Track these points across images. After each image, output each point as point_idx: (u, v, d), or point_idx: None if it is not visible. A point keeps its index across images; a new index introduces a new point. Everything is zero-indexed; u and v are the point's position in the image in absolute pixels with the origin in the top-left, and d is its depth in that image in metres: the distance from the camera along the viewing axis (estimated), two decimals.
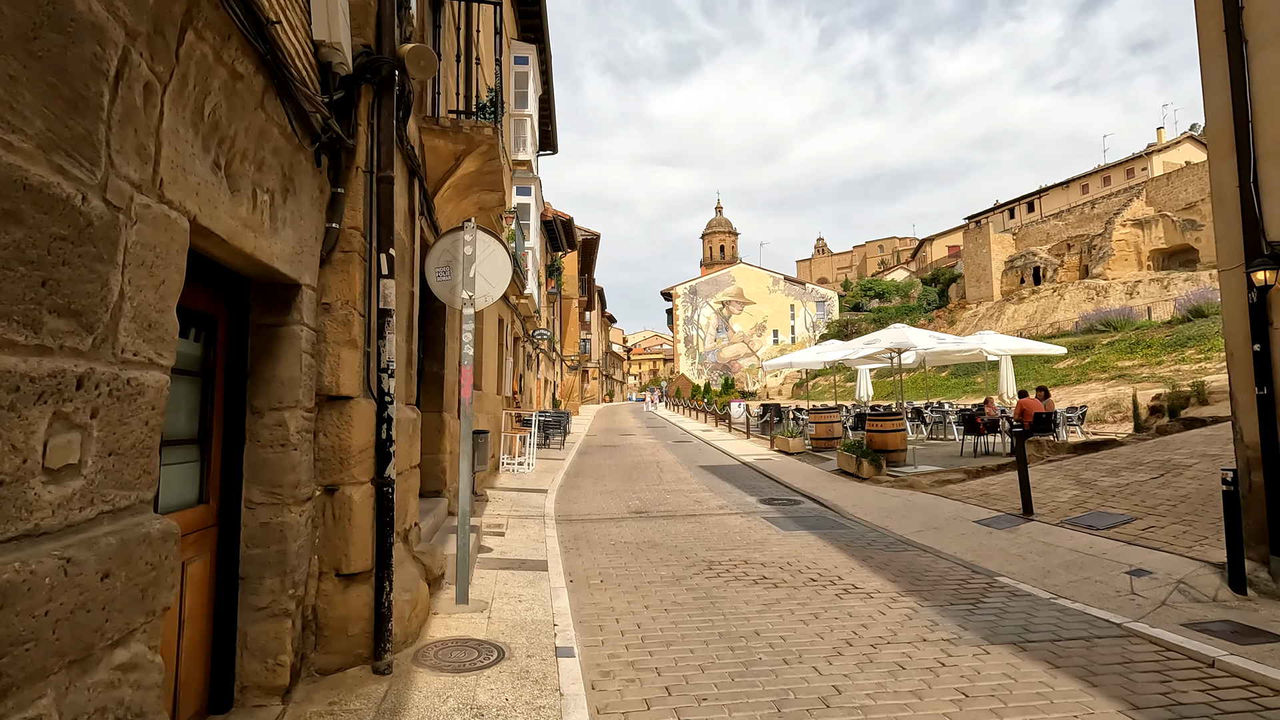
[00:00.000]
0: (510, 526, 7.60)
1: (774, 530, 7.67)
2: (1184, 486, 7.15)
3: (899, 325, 15.16)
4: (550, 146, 24.96)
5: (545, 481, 11.46)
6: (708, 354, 68.26)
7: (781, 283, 70.32)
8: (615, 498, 10.11)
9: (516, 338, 16.65)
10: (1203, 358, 24.89)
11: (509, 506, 8.87)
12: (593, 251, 40.41)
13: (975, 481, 9.37)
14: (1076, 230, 52.08)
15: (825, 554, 6.55)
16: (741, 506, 9.26)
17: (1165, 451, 8.72)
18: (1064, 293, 46.14)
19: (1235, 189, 5.23)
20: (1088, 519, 6.82)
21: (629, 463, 14.69)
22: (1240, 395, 5.25)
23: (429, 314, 7.00)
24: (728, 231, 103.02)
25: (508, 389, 14.50)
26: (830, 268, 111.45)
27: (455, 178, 5.84)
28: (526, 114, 15.74)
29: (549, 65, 19.43)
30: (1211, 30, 5.46)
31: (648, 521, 8.28)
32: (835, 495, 9.72)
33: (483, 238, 4.85)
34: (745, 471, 12.94)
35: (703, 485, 11.27)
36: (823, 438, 14.72)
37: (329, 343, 3.39)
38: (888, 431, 11.60)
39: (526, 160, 15.76)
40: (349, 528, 3.36)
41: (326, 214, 3.43)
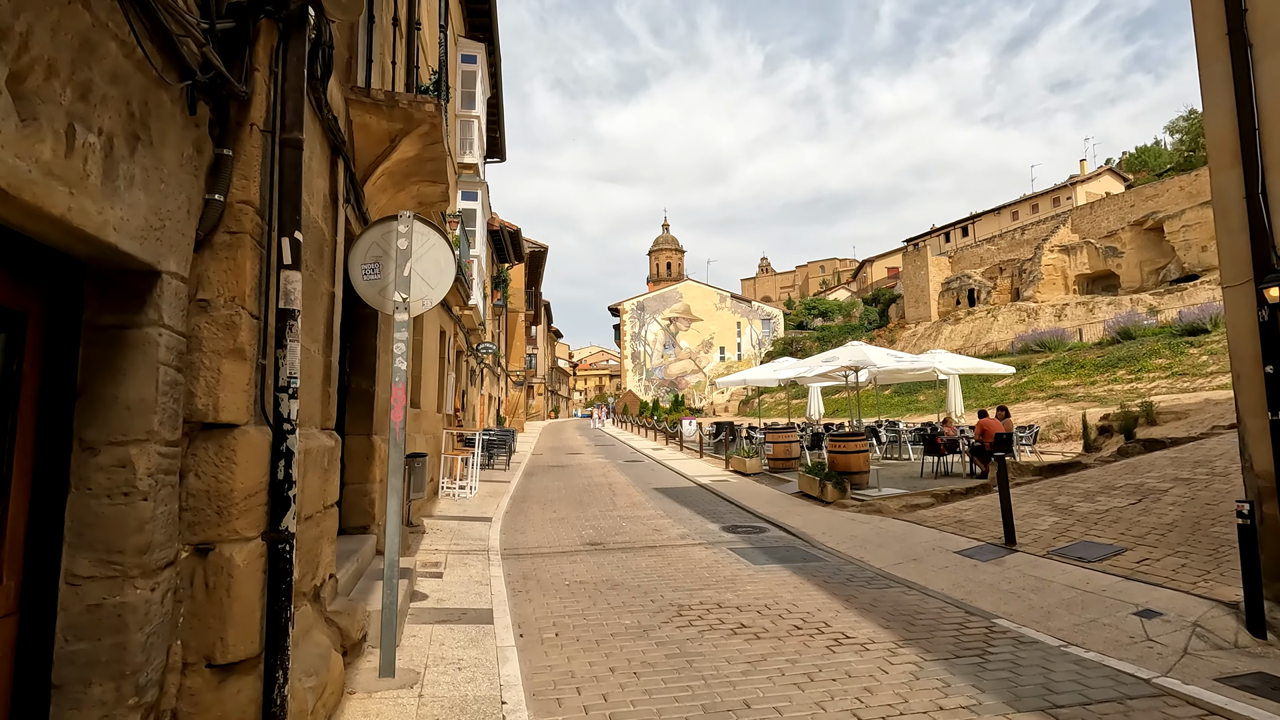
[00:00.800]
0: (450, 565, 6.69)
1: (744, 564, 7.01)
2: (1166, 514, 6.85)
3: (856, 343, 14.94)
4: (498, 154, 24.11)
5: (489, 508, 10.52)
6: (655, 370, 67.87)
7: (728, 300, 70.76)
8: (567, 526, 9.28)
9: (460, 351, 15.64)
10: (1134, 378, 25.82)
11: (449, 539, 7.94)
12: (540, 264, 39.47)
13: (946, 507, 8.96)
14: (1008, 255, 54.15)
15: (804, 593, 5.91)
16: (705, 536, 8.58)
17: (1135, 475, 8.50)
18: (997, 314, 47.72)
19: (1240, 200, 4.92)
20: (1075, 550, 6.42)
21: (579, 485, 13.85)
22: (1249, 420, 4.90)
23: (358, 322, 6.10)
24: (674, 249, 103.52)
25: (449, 406, 13.50)
26: (774, 286, 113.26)
27: (390, 163, 5.01)
28: (474, 115, 14.91)
29: (498, 68, 18.66)
30: (1211, 33, 5.19)
31: (605, 555, 7.49)
32: (802, 522, 9.15)
33: (421, 230, 4.05)
34: (703, 495, 12.29)
35: (660, 511, 10.55)
36: (780, 458, 14.24)
37: (205, 352, 2.54)
38: (851, 452, 11.16)
39: (473, 164, 14.90)
40: (227, 601, 2.50)
41: (207, 182, 2.59)
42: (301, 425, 3.45)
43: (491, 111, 20.53)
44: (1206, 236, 39.80)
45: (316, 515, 3.61)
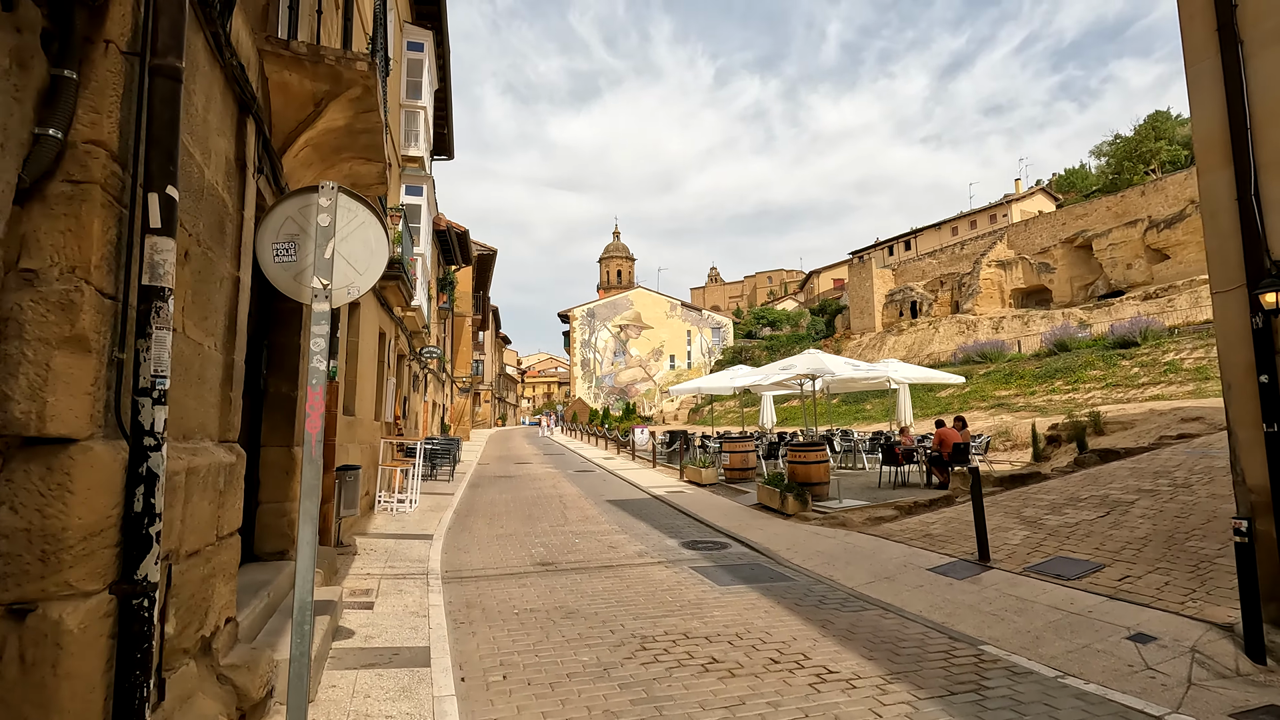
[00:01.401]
0: (383, 592, 5.95)
1: (708, 586, 6.50)
2: (1138, 527, 6.68)
3: (814, 350, 14.70)
4: (446, 151, 23.23)
5: (430, 524, 9.74)
6: (605, 378, 67.26)
7: (679, 308, 70.82)
8: (515, 544, 8.60)
9: (402, 355, 14.73)
10: (1071, 389, 26.62)
11: (383, 561, 7.17)
12: (489, 268, 38.42)
13: (912, 519, 8.68)
14: (948, 268, 55.84)
15: (777, 619, 5.44)
16: (664, 553, 8.04)
17: (1097, 486, 8.40)
18: (939, 326, 49.02)
19: (1231, 202, 4.72)
20: (1053, 566, 6.16)
21: (528, 497, 13.14)
22: (1241, 432, 4.69)
23: (281, 317, 5.36)
24: (625, 257, 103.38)
25: (389, 414, 12.61)
26: (723, 296, 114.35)
27: (315, 133, 4.33)
28: (420, 105, 14.11)
29: (447, 60, 17.88)
30: (1199, 31, 5.00)
31: (557, 577, 6.86)
32: (764, 536, 8.73)
33: (347, 204, 3.41)
34: (658, 507, 11.77)
35: (615, 525, 9.96)
36: (737, 468, 13.86)
37: (29, 341, 1.87)
38: (811, 463, 10.84)
39: (419, 157, 14.10)
40: (53, 682, 1.82)
41: (38, 112, 1.92)
42: (190, 437, 2.77)
43: (439, 106, 19.69)
44: (1131, 255, 41.84)
45: (206, 549, 2.92)
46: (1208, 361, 23.43)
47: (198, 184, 2.87)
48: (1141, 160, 51.28)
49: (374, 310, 10.58)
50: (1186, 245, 38.82)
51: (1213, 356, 23.54)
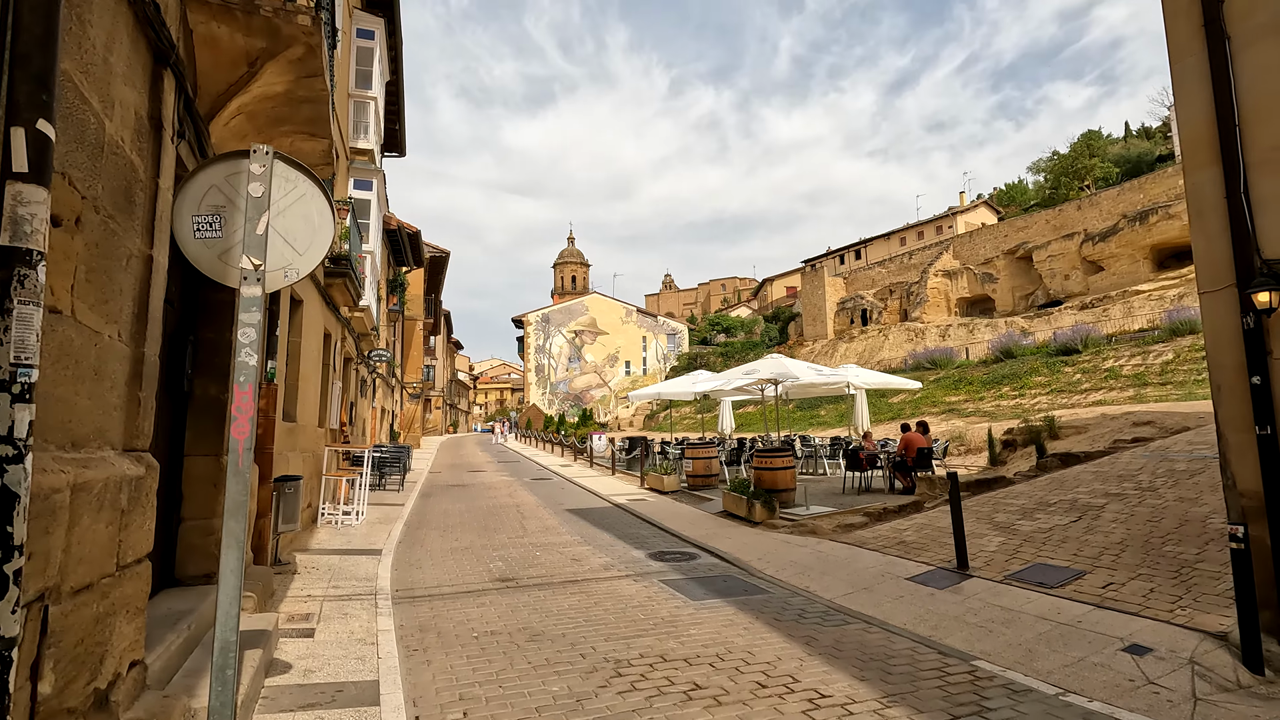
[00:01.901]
0: (326, 617, 5.38)
1: (681, 600, 6.12)
2: (1112, 532, 6.61)
3: (776, 355, 14.55)
4: (397, 148, 22.44)
5: (379, 537, 9.10)
6: (559, 384, 66.48)
7: (634, 314, 70.64)
8: (472, 558, 8.06)
9: (349, 359, 13.96)
10: (1018, 394, 27.34)
11: (326, 581, 6.56)
12: (441, 270, 37.38)
13: (883, 526, 8.50)
14: (897, 278, 57.20)
15: (758, 636, 5.10)
16: (630, 565, 7.64)
17: (1064, 490, 8.38)
18: (888, 333, 50.07)
19: (1220, 201, 4.63)
20: (1033, 574, 6.00)
21: (484, 507, 12.54)
22: (1231, 435, 4.57)
23: (210, 309, 4.77)
24: (580, 262, 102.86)
25: (335, 420, 11.87)
26: (677, 303, 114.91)
27: (250, 97, 3.81)
28: (370, 96, 13.43)
29: (399, 51, 17.19)
30: (1183, 28, 4.92)
31: (519, 594, 6.38)
32: (733, 546, 8.41)
33: (285, 172, 2.93)
34: (621, 516, 11.35)
35: (576, 536, 9.51)
36: (700, 475, 13.56)
37: None
38: (778, 469, 10.60)
39: (368, 150, 13.41)
40: None
41: None
42: (82, 445, 2.25)
43: (391, 100, 18.95)
44: (1069, 266, 43.53)
45: (102, 583, 2.40)
46: (1144, 368, 24.38)
47: (96, 137, 2.36)
48: (1077, 176, 53.55)
49: (318, 309, 9.89)
50: (1119, 258, 40.63)
51: (1150, 363, 24.53)
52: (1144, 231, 39.08)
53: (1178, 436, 10.26)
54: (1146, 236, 39.06)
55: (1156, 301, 35.40)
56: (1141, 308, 35.82)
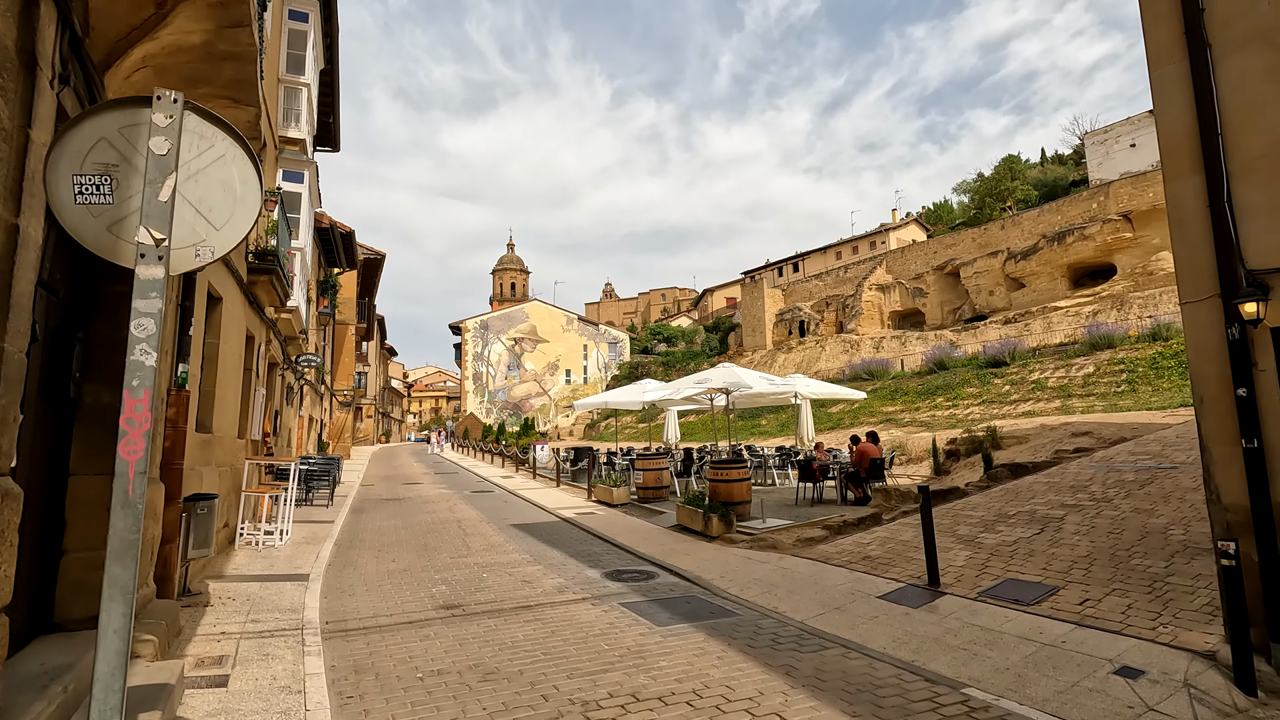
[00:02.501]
0: (243, 659, 4.67)
1: (646, 627, 5.68)
2: (1077, 544, 6.57)
3: (728, 365, 14.34)
4: (331, 142, 21.30)
5: (306, 559, 8.27)
6: (498, 392, 65.03)
7: (575, 322, 69.95)
8: (411, 581, 7.38)
9: (274, 363, 12.92)
10: (951, 405, 28.18)
11: (244, 614, 5.79)
12: (376, 273, 35.85)
13: (845, 540, 8.29)
14: (833, 290, 58.69)
15: (734, 667, 4.71)
16: (586, 586, 7.13)
17: (1020, 501, 8.39)
18: (825, 344, 51.19)
19: (1202, 209, 4.57)
20: (1006, 590, 5.85)
21: (422, 523, 11.75)
22: (1215, 448, 4.49)
23: (104, 302, 4.06)
24: (519, 269, 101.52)
25: (257, 430, 10.88)
26: (617, 312, 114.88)
27: (158, 47, 3.18)
28: (303, 82, 12.54)
29: (335, 39, 16.26)
30: (1163, 35, 4.88)
31: (467, 624, 5.79)
32: (692, 563, 8.03)
33: (199, 126, 2.36)
34: (570, 531, 10.81)
35: (525, 554, 8.92)
36: (651, 487, 13.15)
37: None
38: (733, 481, 10.31)
39: (300, 139, 12.50)
40: None
41: None
42: None
43: (325, 92, 17.93)
44: (993, 283, 45.58)
45: None
46: (1068, 380, 25.52)
47: None
48: (999, 198, 56.28)
49: (240, 308, 9.00)
50: (1039, 275, 42.82)
51: (1073, 375, 25.69)
52: (1061, 251, 41.31)
53: (1119, 447, 10.53)
54: (1064, 256, 41.31)
55: (1074, 317, 37.30)
56: (1060, 323, 37.66)
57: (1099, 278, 41.34)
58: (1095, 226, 39.83)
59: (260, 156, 9.13)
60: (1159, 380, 22.36)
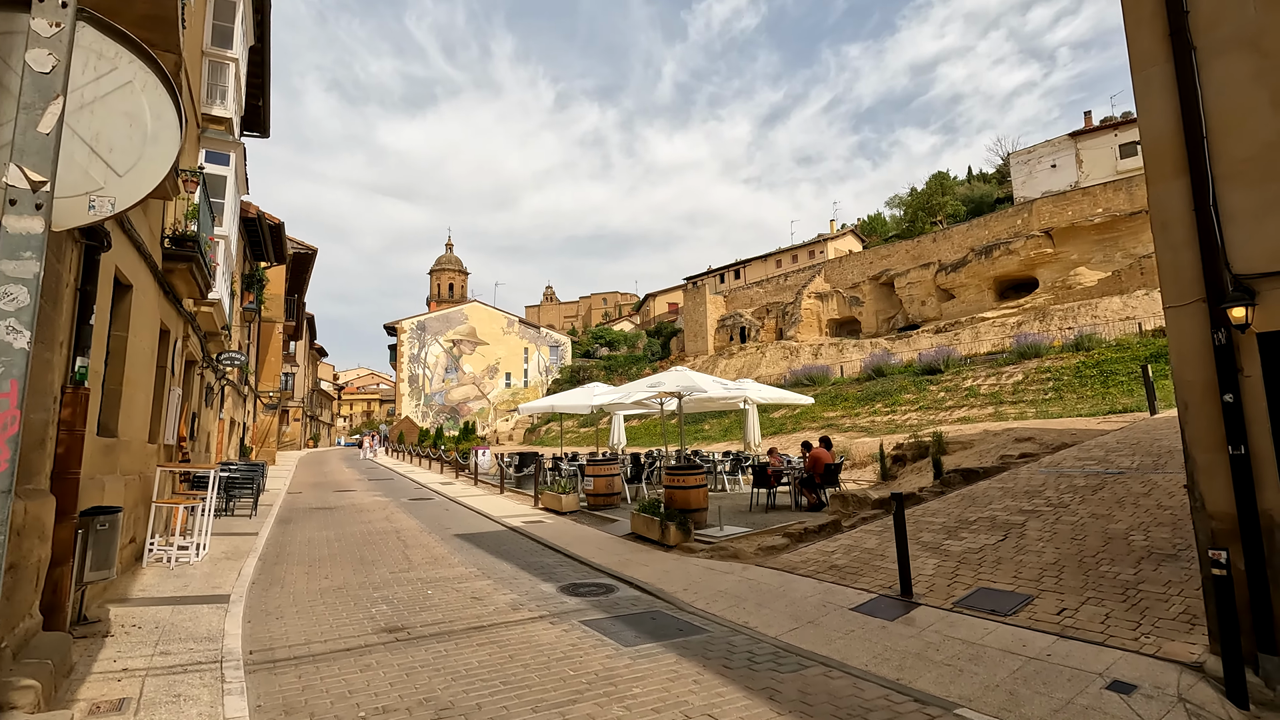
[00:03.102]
0: (148, 702, 4.00)
1: (612, 648, 5.25)
2: (1043, 551, 6.53)
3: (681, 368, 14.07)
4: (260, 128, 20.01)
5: (226, 578, 7.46)
6: (435, 395, 63.12)
7: (516, 325, 68.72)
8: (348, 601, 6.72)
9: (192, 361, 11.83)
10: (890, 411, 28.82)
11: (152, 645, 5.06)
12: (306, 269, 34.09)
13: (809, 549, 8.08)
14: (773, 298, 59.70)
15: (713, 692, 4.34)
16: (543, 602, 6.65)
17: (978, 507, 8.39)
18: (766, 350, 51.91)
19: (1187, 213, 4.52)
20: (981, 600, 5.71)
21: (357, 534, 10.95)
22: (1199, 455, 4.43)
23: None
24: (458, 270, 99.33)
25: (172, 434, 9.87)
26: (558, 315, 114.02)
27: None
28: (230, 57, 11.58)
29: (267, 15, 15.24)
30: (1147, 38, 4.84)
31: (414, 649, 5.23)
32: (652, 575, 7.65)
33: (98, 42, 1.81)
34: (519, 541, 10.26)
35: (473, 567, 8.34)
36: (602, 493, 12.71)
37: None
38: (690, 488, 9.99)
39: (226, 118, 11.53)
40: None
41: None
42: None
43: (255, 72, 16.79)
44: (925, 293, 47.25)
45: None
46: (999, 387, 26.47)
47: None
48: (930, 212, 58.52)
49: (154, 298, 8.10)
50: (968, 287, 44.65)
51: (1003, 383, 26.67)
52: (988, 264, 43.19)
53: (1063, 453, 10.77)
54: (990, 269, 43.20)
55: (1000, 328, 38.89)
56: (987, 333, 39.21)
57: (1022, 290, 43.44)
58: (1019, 242, 41.79)
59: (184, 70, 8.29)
60: (1083, 388, 23.39)
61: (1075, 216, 41.02)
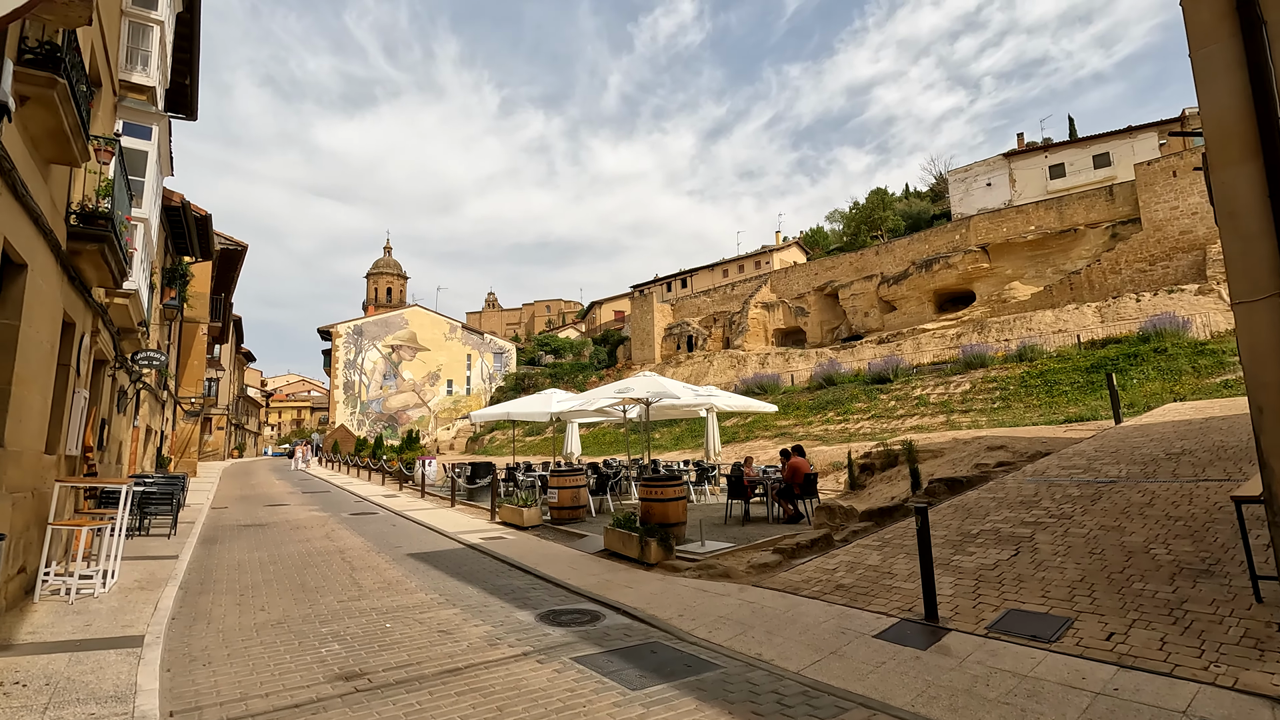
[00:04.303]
0: None
1: (616, 692, 4.50)
2: (1064, 567, 6.12)
3: (649, 373, 13.40)
4: (187, 109, 18.39)
5: (139, 612, 6.31)
6: (372, 403, 60.52)
7: (459, 330, 66.76)
8: (290, 639, 5.72)
9: (102, 360, 10.41)
10: (842, 419, 28.92)
11: (38, 712, 4.00)
12: (235, 267, 31.82)
13: (806, 566, 7.50)
14: (720, 307, 59.92)
15: None
16: (523, 635, 5.81)
17: (977, 520, 8.01)
18: (713, 359, 51.91)
19: (1260, 200, 4.15)
20: (1016, 625, 5.23)
21: (294, 555, 9.78)
22: (1277, 464, 4.05)
23: None
24: (397, 274, 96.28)
25: (75, 444, 8.52)
26: (500, 322, 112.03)
27: None
28: (154, 19, 10.33)
29: None
30: (1207, 13, 4.48)
31: (379, 703, 4.33)
32: (640, 599, 6.91)
33: None
34: (482, 561, 9.33)
35: (434, 592, 7.40)
36: (567, 506, 11.87)
37: None
38: (669, 500, 9.31)
39: (148, 87, 10.27)
40: None
41: None
42: None
43: (182, 45, 15.35)
44: (868, 305, 48.21)
45: None
46: (948, 396, 26.88)
47: None
48: (872, 226, 60.00)
49: (56, 283, 6.89)
50: (909, 299, 45.81)
51: (952, 392, 27.11)
52: (929, 278, 44.41)
53: (1043, 461, 10.61)
54: (930, 282, 44.44)
55: (940, 339, 39.87)
56: (928, 344, 40.14)
57: (960, 303, 44.83)
58: (958, 256, 43.09)
59: (93, 98, 7.08)
60: (1029, 397, 23.92)
61: (1010, 233, 42.61)
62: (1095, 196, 40.20)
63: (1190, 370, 20.97)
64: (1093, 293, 37.47)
